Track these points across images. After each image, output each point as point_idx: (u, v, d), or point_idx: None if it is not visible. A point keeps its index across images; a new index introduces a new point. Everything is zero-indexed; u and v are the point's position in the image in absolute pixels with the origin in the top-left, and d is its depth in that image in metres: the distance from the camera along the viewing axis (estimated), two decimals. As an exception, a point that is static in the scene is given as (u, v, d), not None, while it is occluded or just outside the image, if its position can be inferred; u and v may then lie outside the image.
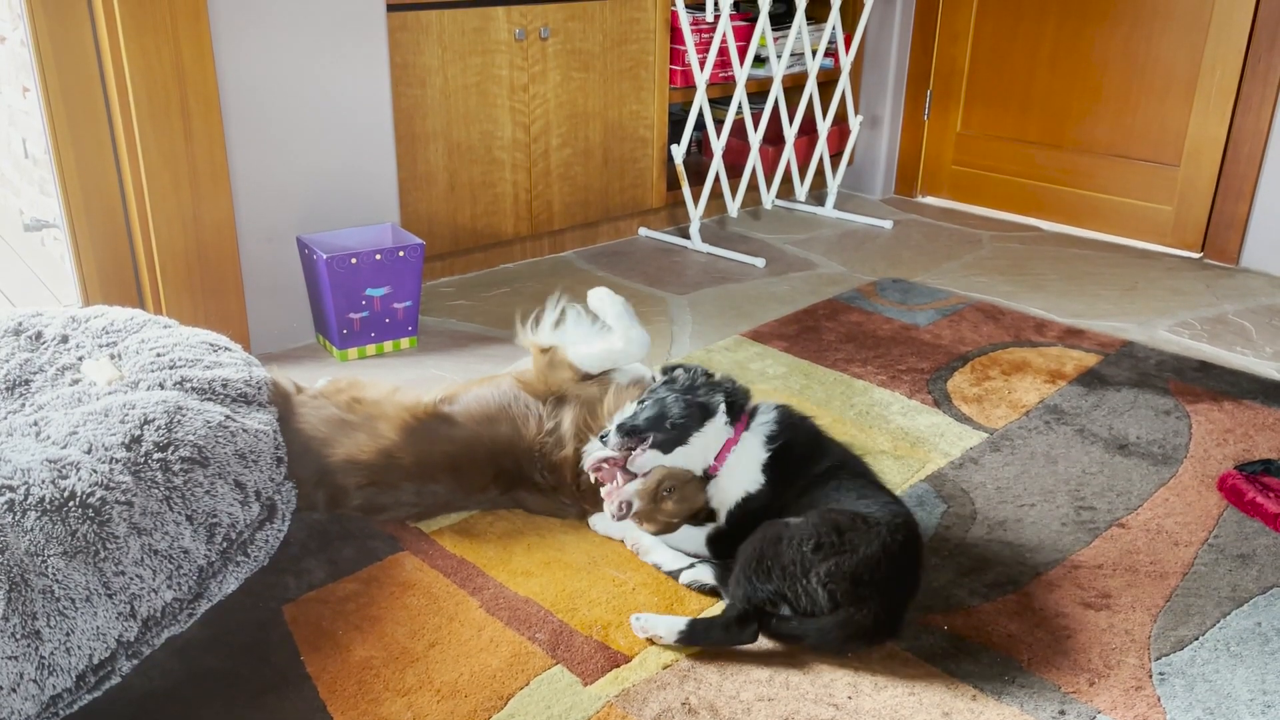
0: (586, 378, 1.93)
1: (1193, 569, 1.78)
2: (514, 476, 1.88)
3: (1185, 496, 2.00)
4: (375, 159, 2.70)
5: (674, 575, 1.73)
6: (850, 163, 4.14)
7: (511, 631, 1.60)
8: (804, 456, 1.73)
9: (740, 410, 1.77)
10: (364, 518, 1.87)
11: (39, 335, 1.98)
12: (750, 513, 1.70)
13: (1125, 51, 3.48)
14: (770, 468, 1.72)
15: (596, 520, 1.86)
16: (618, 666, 1.53)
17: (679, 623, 1.56)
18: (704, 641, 1.56)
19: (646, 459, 1.70)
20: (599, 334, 1.97)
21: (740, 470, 1.72)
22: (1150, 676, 1.53)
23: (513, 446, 1.87)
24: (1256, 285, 3.19)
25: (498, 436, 1.87)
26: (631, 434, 1.69)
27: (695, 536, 1.76)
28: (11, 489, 1.43)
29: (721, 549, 1.71)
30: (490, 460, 1.87)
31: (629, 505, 1.68)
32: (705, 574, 1.70)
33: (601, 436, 1.72)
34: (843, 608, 1.52)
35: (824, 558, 1.52)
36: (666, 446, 1.70)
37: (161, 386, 1.76)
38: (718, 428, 1.73)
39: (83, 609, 1.39)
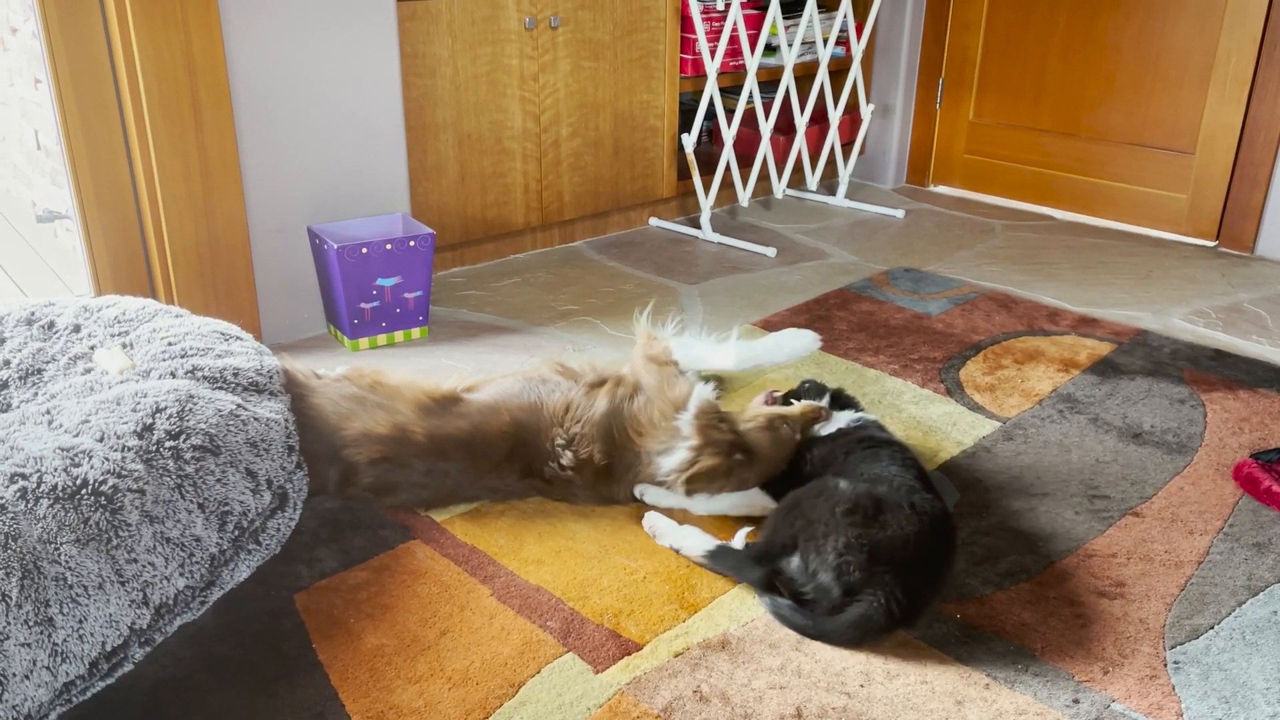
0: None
1: (1208, 558, 1.76)
2: (530, 456, 1.87)
3: (1200, 485, 1.99)
4: (385, 149, 2.70)
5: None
6: (862, 152, 4.13)
7: (523, 620, 1.60)
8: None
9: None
10: (374, 499, 1.87)
11: (51, 325, 1.98)
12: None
13: (1139, 39, 3.45)
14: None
15: (647, 491, 1.89)
16: (629, 655, 1.53)
17: (709, 543, 1.71)
18: (721, 565, 1.69)
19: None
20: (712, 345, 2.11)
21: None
22: (1165, 665, 1.52)
23: (532, 420, 1.88)
24: (1272, 273, 3.17)
25: (516, 412, 1.89)
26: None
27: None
28: (24, 477, 1.43)
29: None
30: (504, 437, 1.87)
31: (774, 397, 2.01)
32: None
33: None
34: (851, 583, 1.53)
35: (851, 525, 1.56)
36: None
37: (173, 375, 1.76)
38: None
39: (95, 596, 1.40)
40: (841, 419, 1.93)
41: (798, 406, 1.93)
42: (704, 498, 1.86)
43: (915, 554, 1.56)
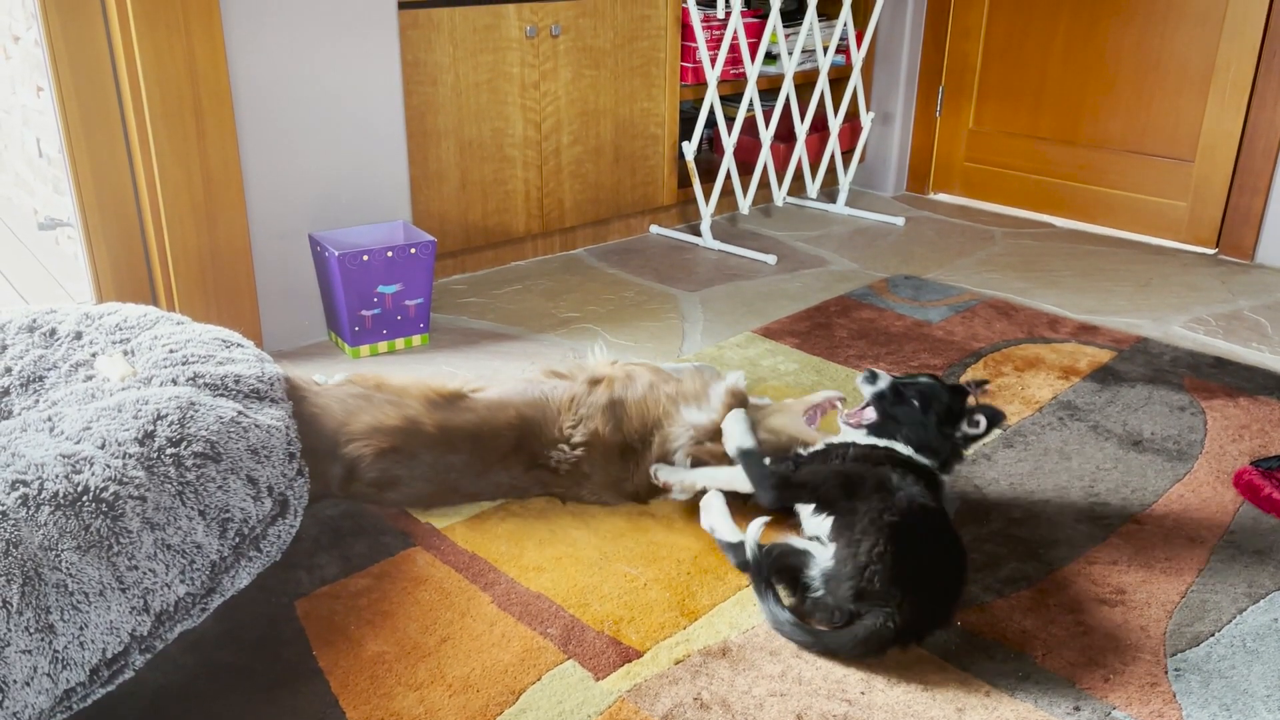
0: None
1: (1208, 565, 1.76)
2: (536, 447, 1.90)
3: (1200, 492, 1.99)
4: (387, 157, 2.70)
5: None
6: (862, 160, 4.13)
7: (523, 626, 1.60)
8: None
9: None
10: (375, 494, 1.88)
11: (53, 332, 1.98)
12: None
13: (1139, 46, 3.46)
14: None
15: (660, 469, 1.91)
16: (629, 662, 1.53)
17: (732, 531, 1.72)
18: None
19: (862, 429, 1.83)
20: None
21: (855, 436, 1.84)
22: (1166, 673, 1.51)
23: (538, 414, 1.92)
24: (1272, 281, 3.17)
25: (522, 407, 1.92)
26: (873, 385, 1.82)
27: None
28: (26, 484, 1.44)
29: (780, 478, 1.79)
30: (511, 428, 1.90)
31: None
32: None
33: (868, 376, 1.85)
34: (866, 591, 1.52)
35: (893, 537, 1.54)
36: (879, 431, 1.80)
37: (174, 382, 1.76)
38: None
39: (96, 603, 1.40)
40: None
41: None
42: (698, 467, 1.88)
43: (933, 577, 1.56)
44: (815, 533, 1.66)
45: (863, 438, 1.81)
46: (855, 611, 1.53)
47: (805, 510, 1.73)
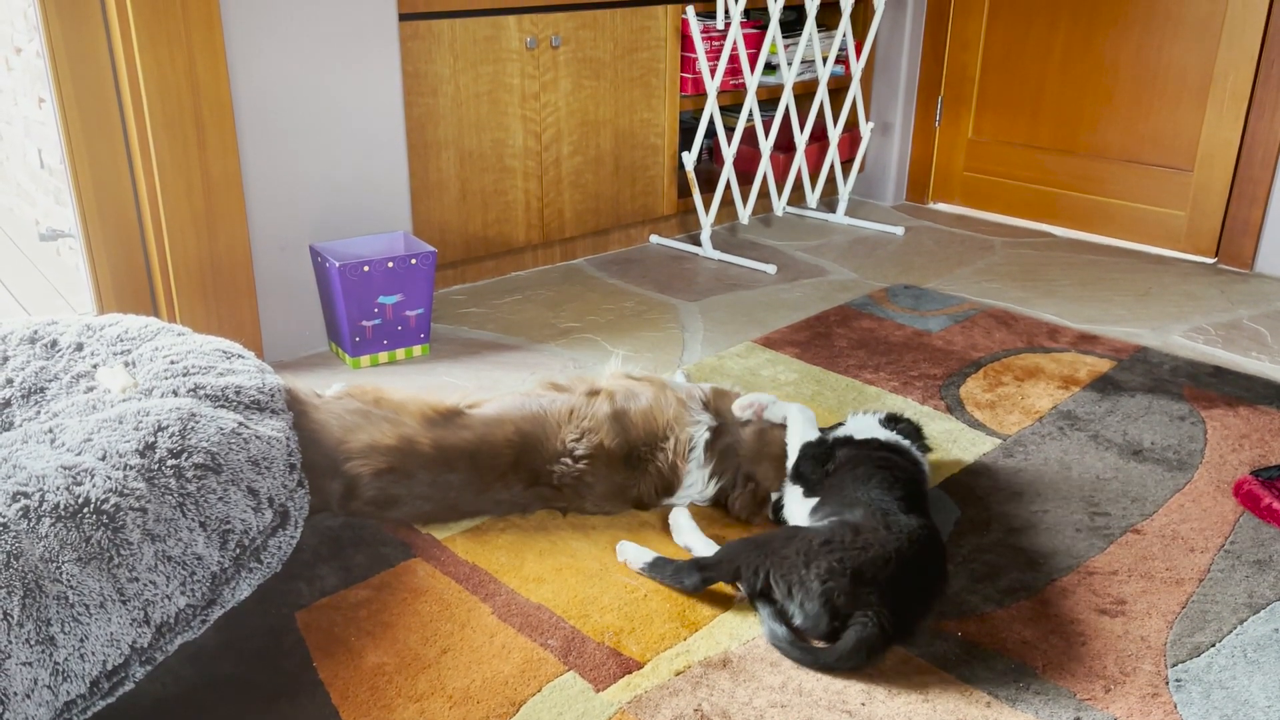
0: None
1: (1209, 575, 1.76)
2: (536, 463, 1.90)
3: (1201, 502, 1.99)
4: (387, 167, 2.71)
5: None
6: (861, 169, 4.14)
7: (523, 638, 1.60)
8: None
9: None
10: (375, 512, 1.88)
11: (54, 343, 1.99)
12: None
13: (1137, 56, 3.47)
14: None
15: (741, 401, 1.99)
16: (630, 673, 1.53)
17: (647, 555, 1.76)
18: (659, 576, 1.73)
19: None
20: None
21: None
22: (1166, 683, 1.51)
23: (537, 429, 1.92)
24: (1271, 290, 3.18)
25: (520, 422, 1.92)
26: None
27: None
28: (27, 495, 1.44)
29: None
30: (509, 445, 1.89)
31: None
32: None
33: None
34: (840, 608, 1.53)
35: (830, 552, 1.57)
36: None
37: (175, 394, 1.76)
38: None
39: (97, 615, 1.40)
40: (881, 432, 1.93)
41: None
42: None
43: (899, 571, 1.56)
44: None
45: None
46: (841, 626, 1.54)
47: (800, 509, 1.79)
